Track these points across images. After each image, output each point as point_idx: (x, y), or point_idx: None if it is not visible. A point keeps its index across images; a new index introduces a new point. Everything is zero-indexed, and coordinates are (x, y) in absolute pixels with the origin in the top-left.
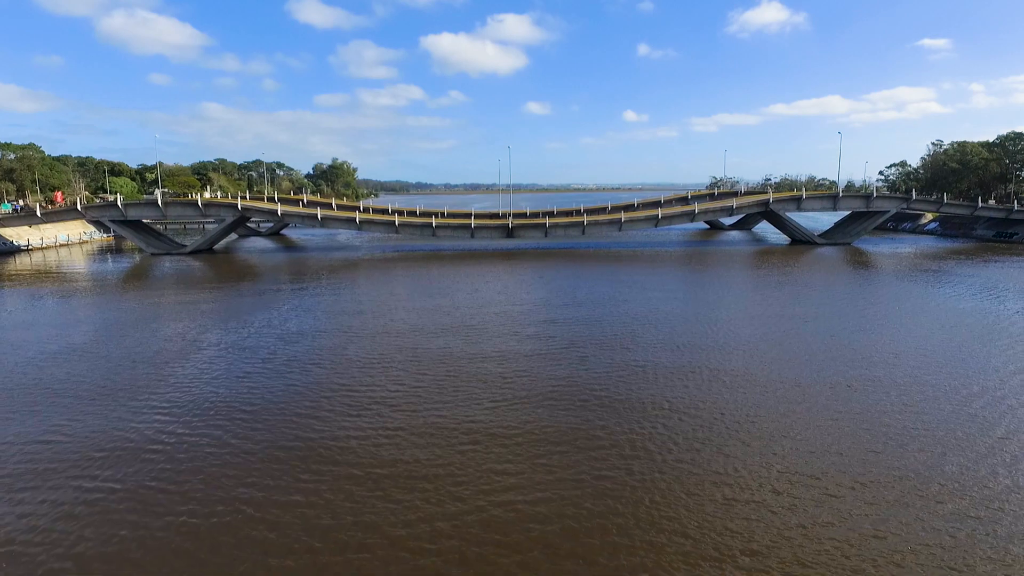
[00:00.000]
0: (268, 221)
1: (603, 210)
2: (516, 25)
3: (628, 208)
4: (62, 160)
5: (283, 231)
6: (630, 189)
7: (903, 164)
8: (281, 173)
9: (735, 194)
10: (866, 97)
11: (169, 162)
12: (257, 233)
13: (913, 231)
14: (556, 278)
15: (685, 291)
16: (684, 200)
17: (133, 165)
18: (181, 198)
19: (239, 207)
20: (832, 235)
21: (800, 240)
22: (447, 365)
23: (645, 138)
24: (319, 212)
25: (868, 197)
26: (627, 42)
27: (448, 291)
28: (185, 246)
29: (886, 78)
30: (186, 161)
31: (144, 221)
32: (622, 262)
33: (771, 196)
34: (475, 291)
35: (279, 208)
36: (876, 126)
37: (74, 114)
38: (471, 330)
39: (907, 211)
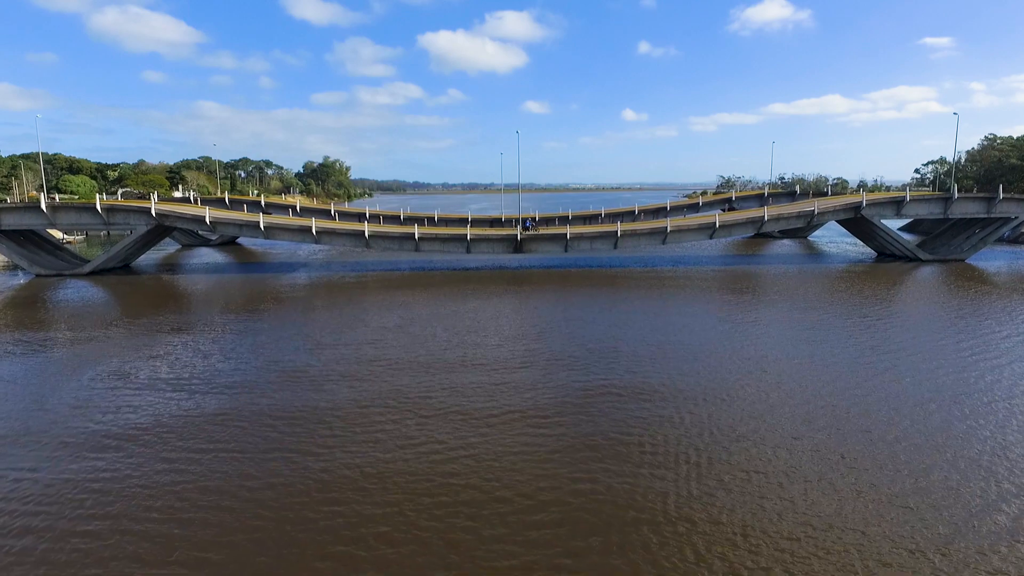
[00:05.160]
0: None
1: (630, 214)
2: (516, 22)
3: (659, 212)
4: (32, 158)
5: (239, 240)
6: (629, 189)
7: (942, 161)
8: (271, 172)
9: (791, 194)
10: (866, 96)
11: (168, 161)
12: (206, 243)
13: (1016, 241)
14: (602, 335)
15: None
16: (728, 201)
17: (128, 163)
18: (128, 199)
19: (152, 212)
20: (934, 248)
21: (892, 255)
22: None
23: (644, 137)
24: (261, 220)
25: (990, 200)
26: (628, 40)
27: (421, 380)
28: (86, 263)
29: (887, 77)
30: (180, 160)
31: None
32: (672, 291)
33: (864, 199)
34: (473, 394)
35: (207, 214)
36: (876, 125)
37: (68, 112)
38: None
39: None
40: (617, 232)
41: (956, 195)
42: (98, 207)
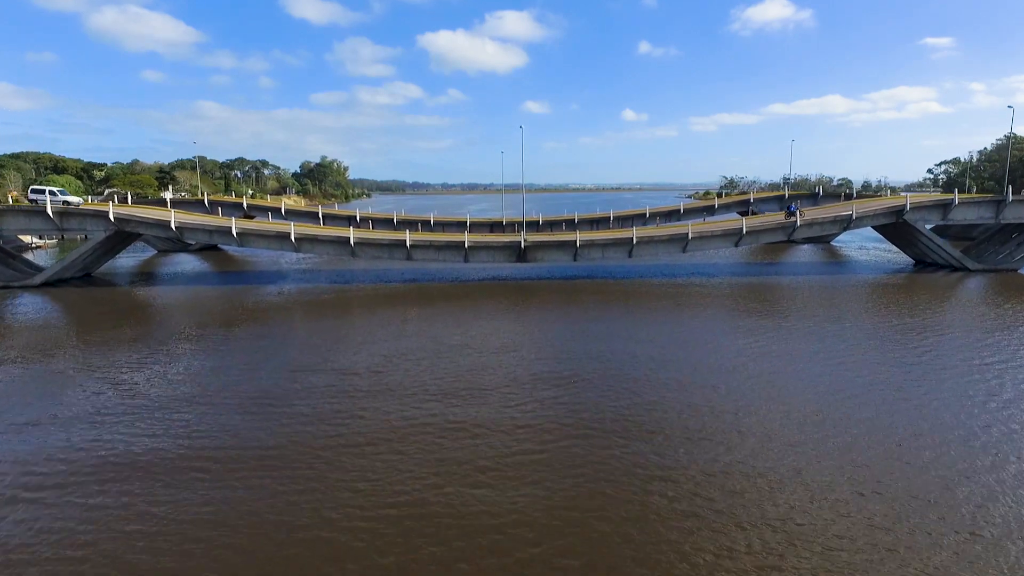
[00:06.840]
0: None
1: (641, 217)
2: (516, 22)
3: (672, 214)
4: (22, 157)
5: (222, 245)
6: (629, 189)
7: (956, 161)
8: (268, 172)
9: (813, 195)
10: (867, 96)
11: (165, 161)
12: (186, 248)
13: None
14: (644, 386)
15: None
16: (746, 204)
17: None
18: (90, 203)
19: (111, 217)
20: (981, 256)
21: (935, 264)
22: None
23: (643, 138)
24: (234, 226)
25: None
26: (628, 40)
27: (391, 492)
28: (38, 272)
29: (887, 77)
30: (175, 160)
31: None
32: (708, 312)
33: (908, 202)
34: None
35: (172, 219)
36: (876, 125)
37: (68, 112)
38: None
39: None
40: (632, 239)
41: (1011, 198)
42: (48, 211)
